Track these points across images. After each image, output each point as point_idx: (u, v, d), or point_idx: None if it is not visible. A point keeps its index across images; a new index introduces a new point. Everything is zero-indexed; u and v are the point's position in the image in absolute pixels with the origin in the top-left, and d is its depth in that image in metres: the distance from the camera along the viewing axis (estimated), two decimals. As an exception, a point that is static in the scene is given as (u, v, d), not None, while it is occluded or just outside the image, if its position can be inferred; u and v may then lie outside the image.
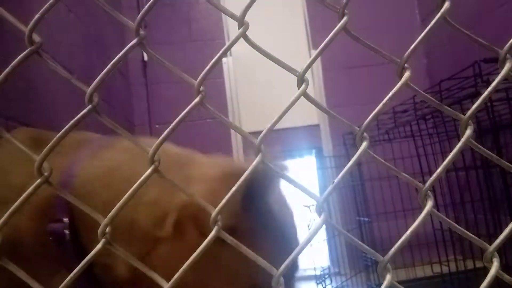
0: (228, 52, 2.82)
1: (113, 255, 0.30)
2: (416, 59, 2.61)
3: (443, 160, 0.34)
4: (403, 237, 0.31)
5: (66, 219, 0.55)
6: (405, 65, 0.33)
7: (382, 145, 2.11)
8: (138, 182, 0.31)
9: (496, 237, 0.34)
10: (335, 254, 2.54)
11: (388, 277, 0.30)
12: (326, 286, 2.05)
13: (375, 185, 2.37)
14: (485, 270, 0.33)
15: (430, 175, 0.34)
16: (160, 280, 0.31)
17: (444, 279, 1.66)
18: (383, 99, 0.35)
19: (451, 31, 0.36)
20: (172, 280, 0.30)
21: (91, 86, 0.32)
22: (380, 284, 0.31)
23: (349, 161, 0.34)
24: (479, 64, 1.34)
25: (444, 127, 1.64)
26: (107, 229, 0.30)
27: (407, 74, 0.33)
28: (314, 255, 1.95)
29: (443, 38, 2.37)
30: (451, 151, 0.34)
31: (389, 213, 2.17)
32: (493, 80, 0.36)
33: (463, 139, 0.32)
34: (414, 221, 0.33)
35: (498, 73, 0.36)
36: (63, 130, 0.32)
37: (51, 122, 1.33)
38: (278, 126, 0.36)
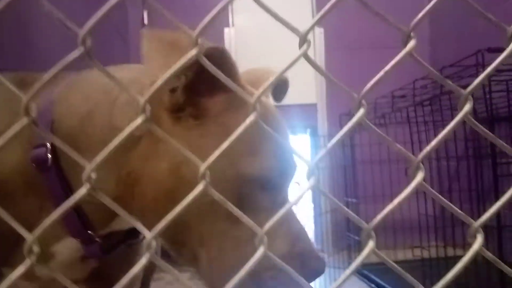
0: (231, 23, 2.77)
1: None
2: (420, 46, 2.56)
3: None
4: (390, 206, 0.31)
5: (48, 144, 0.54)
6: (411, 33, 0.32)
7: (378, 129, 2.11)
8: (126, 129, 0.30)
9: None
10: (320, 232, 2.59)
11: (370, 243, 0.30)
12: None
13: (366, 168, 2.39)
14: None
15: (422, 162, 0.33)
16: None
17: (423, 263, 1.69)
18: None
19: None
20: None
21: (85, 27, 0.31)
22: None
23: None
24: (483, 54, 1.33)
25: (441, 115, 1.64)
26: (93, 175, 0.30)
27: (411, 43, 0.32)
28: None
29: (448, 26, 2.34)
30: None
31: (377, 196, 2.19)
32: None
33: (461, 113, 0.32)
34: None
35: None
36: (50, 71, 0.31)
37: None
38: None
